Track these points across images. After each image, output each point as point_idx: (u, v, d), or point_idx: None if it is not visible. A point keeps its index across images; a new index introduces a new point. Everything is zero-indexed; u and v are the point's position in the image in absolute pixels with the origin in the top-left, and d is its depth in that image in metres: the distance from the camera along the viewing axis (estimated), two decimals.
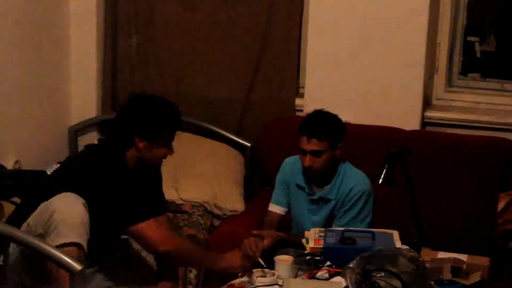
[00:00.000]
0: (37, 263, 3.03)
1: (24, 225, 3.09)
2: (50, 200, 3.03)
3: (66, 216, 2.97)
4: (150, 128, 3.19)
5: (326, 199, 3.58)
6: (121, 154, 3.21)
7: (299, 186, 3.64)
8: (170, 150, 3.28)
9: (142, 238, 3.15)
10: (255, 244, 3.41)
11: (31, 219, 3.07)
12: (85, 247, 3.00)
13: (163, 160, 3.32)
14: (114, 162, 3.18)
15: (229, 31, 4.58)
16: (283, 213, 3.71)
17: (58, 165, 3.25)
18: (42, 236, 3.00)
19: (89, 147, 3.41)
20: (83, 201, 3.02)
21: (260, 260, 3.30)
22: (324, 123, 3.52)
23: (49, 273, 2.99)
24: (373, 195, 3.58)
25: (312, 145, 3.47)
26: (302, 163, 3.52)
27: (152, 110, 3.20)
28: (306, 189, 3.61)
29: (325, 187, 3.59)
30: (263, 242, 3.45)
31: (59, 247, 2.94)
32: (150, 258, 3.41)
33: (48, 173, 3.22)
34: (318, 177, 3.59)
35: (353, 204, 3.53)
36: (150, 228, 3.14)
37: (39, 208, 3.06)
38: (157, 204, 3.38)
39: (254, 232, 3.56)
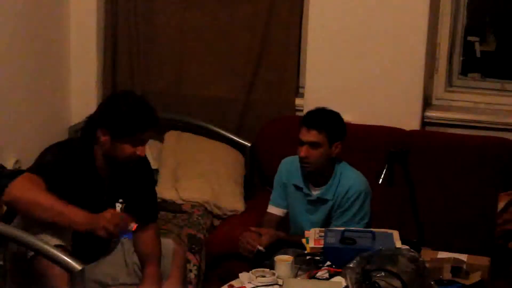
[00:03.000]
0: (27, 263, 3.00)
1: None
2: None
3: None
4: (111, 121, 3.07)
5: (324, 199, 3.57)
6: (87, 147, 3.13)
7: (296, 187, 3.64)
8: (136, 150, 3.09)
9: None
10: (253, 237, 3.42)
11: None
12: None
13: (133, 161, 3.13)
14: (72, 149, 3.13)
15: (229, 31, 4.58)
16: (282, 214, 3.71)
17: None
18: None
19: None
20: None
21: (260, 247, 3.31)
22: (325, 116, 3.54)
23: (43, 272, 2.95)
24: (371, 195, 3.58)
25: (311, 136, 3.48)
26: (298, 154, 3.52)
27: (118, 104, 3.10)
28: (304, 190, 3.61)
29: (322, 187, 3.58)
30: (261, 239, 3.48)
31: None
32: None
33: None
34: (314, 176, 3.58)
35: (350, 205, 3.53)
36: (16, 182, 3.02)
37: None
38: (146, 209, 3.31)
39: (252, 228, 3.57)
